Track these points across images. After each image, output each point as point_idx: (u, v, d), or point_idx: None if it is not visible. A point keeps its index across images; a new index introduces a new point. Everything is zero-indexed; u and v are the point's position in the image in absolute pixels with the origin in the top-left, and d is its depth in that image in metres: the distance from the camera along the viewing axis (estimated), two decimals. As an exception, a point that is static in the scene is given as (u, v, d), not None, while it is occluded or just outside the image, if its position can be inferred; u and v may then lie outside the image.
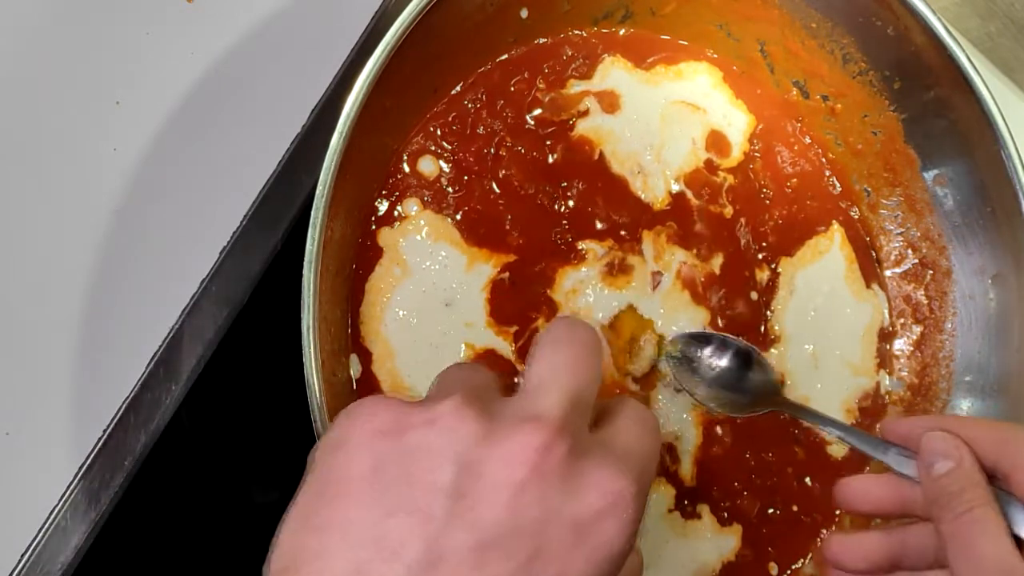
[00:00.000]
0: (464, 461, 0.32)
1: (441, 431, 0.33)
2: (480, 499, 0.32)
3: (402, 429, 0.33)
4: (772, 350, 0.56)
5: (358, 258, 0.52)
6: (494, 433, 0.33)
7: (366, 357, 0.51)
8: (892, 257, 0.59)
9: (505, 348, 0.53)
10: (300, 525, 0.33)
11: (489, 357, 0.52)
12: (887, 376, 0.58)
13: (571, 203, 0.55)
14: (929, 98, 0.55)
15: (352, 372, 0.51)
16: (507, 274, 0.53)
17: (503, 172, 0.54)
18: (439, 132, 0.54)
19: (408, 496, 0.32)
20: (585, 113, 0.56)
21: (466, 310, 0.52)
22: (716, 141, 0.58)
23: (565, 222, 0.55)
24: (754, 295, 0.57)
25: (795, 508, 0.55)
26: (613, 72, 0.58)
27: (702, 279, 0.56)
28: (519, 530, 0.32)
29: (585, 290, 0.54)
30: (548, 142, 0.55)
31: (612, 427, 0.37)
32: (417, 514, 0.32)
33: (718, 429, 0.55)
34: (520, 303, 0.53)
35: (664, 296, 0.55)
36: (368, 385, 0.51)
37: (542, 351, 0.37)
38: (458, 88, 0.55)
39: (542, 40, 0.57)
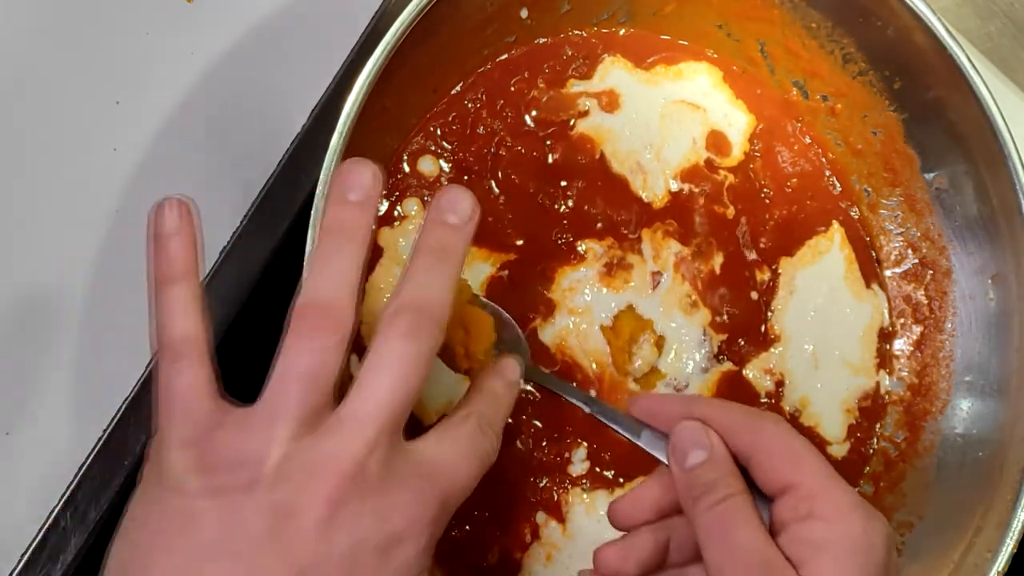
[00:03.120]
0: (279, 511, 0.34)
1: (259, 492, 0.34)
2: (294, 538, 0.34)
3: (221, 491, 0.35)
4: (772, 350, 0.56)
5: (358, 258, 0.52)
6: (307, 479, 0.35)
7: (366, 357, 0.51)
8: (892, 257, 0.59)
9: (505, 348, 0.52)
10: (123, 570, 0.35)
11: (489, 357, 0.52)
12: (887, 376, 0.58)
13: (571, 203, 0.55)
14: (929, 98, 0.55)
15: (352, 372, 0.51)
16: (506, 272, 0.53)
17: (503, 172, 0.54)
18: (439, 132, 0.54)
19: (227, 545, 0.34)
20: (585, 113, 0.56)
21: (466, 310, 0.52)
22: (716, 141, 0.58)
23: (565, 221, 0.55)
24: (754, 295, 0.57)
25: (795, 508, 0.55)
26: (613, 72, 0.58)
27: (702, 279, 0.56)
28: (331, 558, 0.34)
29: (584, 290, 0.54)
30: (548, 142, 0.55)
31: (442, 444, 0.39)
32: (236, 557, 0.34)
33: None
34: (518, 304, 0.53)
35: (663, 296, 0.55)
36: (368, 385, 0.51)
37: (368, 375, 0.37)
38: (458, 88, 0.55)
39: (542, 40, 0.57)
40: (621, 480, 0.53)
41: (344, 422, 0.36)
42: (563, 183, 0.55)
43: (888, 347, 0.59)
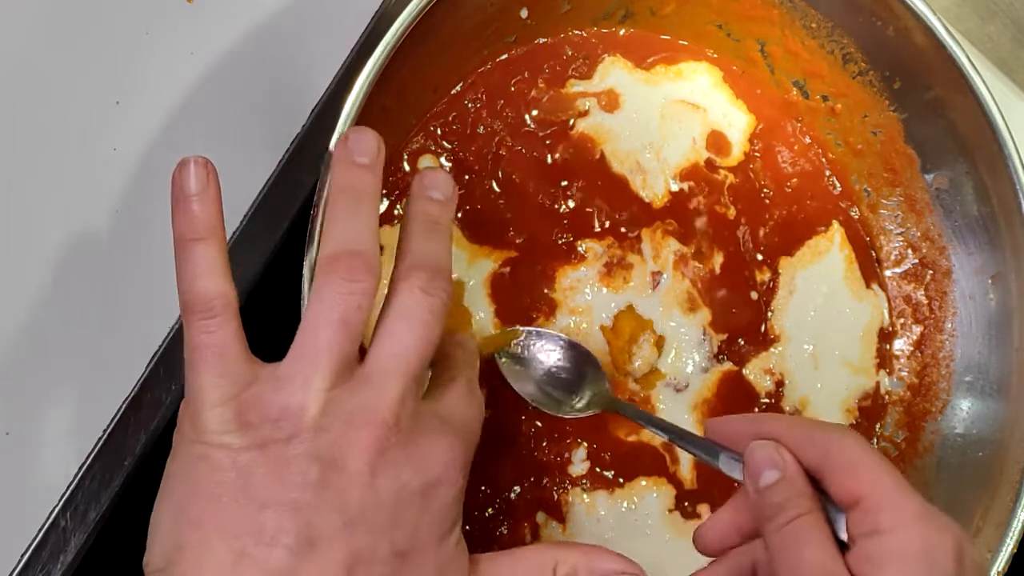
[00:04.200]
0: (326, 460, 0.35)
1: (303, 443, 0.35)
2: (342, 488, 0.35)
3: (265, 444, 0.35)
4: (772, 350, 0.57)
5: (358, 258, 0.52)
6: (348, 430, 0.36)
7: (366, 357, 0.51)
8: (892, 257, 0.60)
9: (505, 348, 0.53)
10: (175, 522, 0.35)
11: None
12: (887, 376, 0.58)
13: (571, 202, 0.55)
14: (929, 98, 0.55)
15: (352, 372, 0.51)
16: (508, 268, 0.53)
17: (503, 172, 0.54)
18: (439, 132, 0.54)
19: (279, 493, 0.35)
20: (585, 113, 0.56)
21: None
22: (716, 140, 0.58)
23: (565, 221, 0.55)
24: (754, 295, 0.57)
25: (795, 508, 0.55)
26: (613, 72, 0.58)
27: (702, 279, 0.56)
28: (378, 506, 0.36)
29: (584, 289, 0.54)
30: (548, 141, 0.55)
31: (446, 400, 0.41)
32: (289, 506, 0.35)
33: (718, 429, 0.55)
34: (520, 304, 0.53)
35: (663, 296, 0.55)
36: (368, 385, 0.51)
37: (392, 326, 0.38)
38: (458, 88, 0.55)
39: (542, 40, 0.57)
40: (621, 480, 0.53)
41: (375, 373, 0.37)
42: (563, 183, 0.55)
43: (888, 347, 0.59)
